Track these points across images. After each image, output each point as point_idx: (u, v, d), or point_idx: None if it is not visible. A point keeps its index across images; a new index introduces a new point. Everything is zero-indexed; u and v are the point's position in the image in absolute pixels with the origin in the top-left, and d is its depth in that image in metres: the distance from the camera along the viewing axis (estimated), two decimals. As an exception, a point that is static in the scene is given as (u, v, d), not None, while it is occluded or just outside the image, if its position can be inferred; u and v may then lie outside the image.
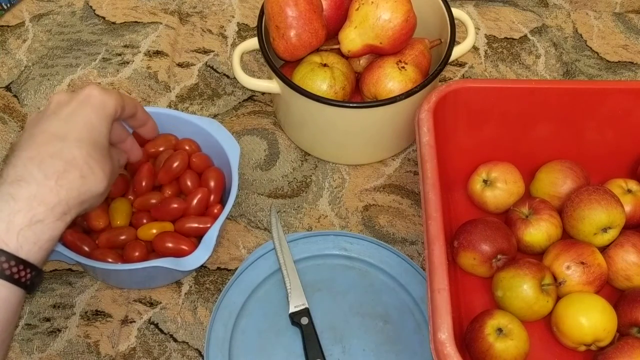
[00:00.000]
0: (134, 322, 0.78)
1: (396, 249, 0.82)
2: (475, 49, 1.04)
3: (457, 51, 0.86)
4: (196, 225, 0.77)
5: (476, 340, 0.72)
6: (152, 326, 0.78)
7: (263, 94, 0.97)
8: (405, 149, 0.93)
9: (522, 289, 0.74)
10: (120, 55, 1.01)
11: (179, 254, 0.74)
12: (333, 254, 0.82)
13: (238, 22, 1.06)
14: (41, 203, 0.54)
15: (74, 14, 1.06)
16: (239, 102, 0.97)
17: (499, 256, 0.77)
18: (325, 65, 0.84)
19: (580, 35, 1.06)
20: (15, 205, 0.53)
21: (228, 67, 1.00)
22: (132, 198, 0.80)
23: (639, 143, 0.84)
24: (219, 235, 0.75)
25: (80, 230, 0.78)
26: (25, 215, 0.53)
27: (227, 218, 0.77)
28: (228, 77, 0.99)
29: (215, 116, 0.95)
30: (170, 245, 0.75)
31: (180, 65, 1.00)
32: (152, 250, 0.77)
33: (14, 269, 0.52)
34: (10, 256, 0.51)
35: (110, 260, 0.74)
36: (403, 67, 0.83)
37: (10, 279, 0.51)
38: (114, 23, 1.05)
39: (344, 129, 0.85)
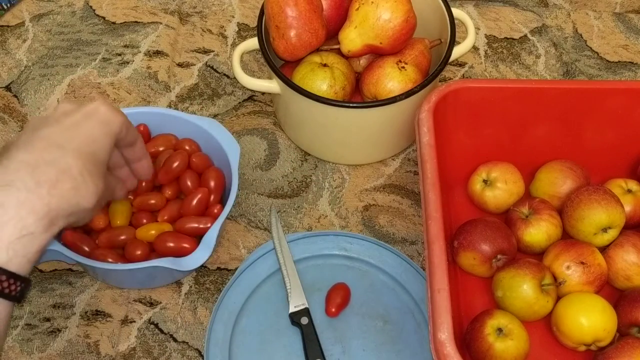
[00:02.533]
0: (134, 322, 0.78)
1: (396, 249, 0.82)
2: (475, 49, 1.04)
3: (457, 51, 0.86)
4: (196, 225, 0.77)
5: (476, 340, 0.72)
6: (152, 326, 0.78)
7: (263, 94, 0.97)
8: (405, 149, 0.93)
9: (522, 289, 0.74)
10: (120, 55, 1.01)
11: (179, 253, 0.74)
12: (333, 254, 0.82)
13: (238, 22, 1.06)
14: (31, 212, 0.51)
15: (74, 14, 1.06)
16: (239, 102, 0.97)
17: (499, 256, 0.77)
18: (325, 65, 0.84)
19: (580, 35, 1.06)
20: (5, 214, 0.50)
21: (228, 67, 1.00)
22: (132, 198, 0.80)
23: (639, 143, 0.84)
24: (219, 235, 0.75)
25: (80, 230, 0.78)
26: (15, 226, 0.50)
27: (227, 218, 0.77)
28: (228, 77, 0.99)
29: (215, 116, 0.95)
30: (170, 244, 0.75)
31: (180, 65, 1.00)
32: (152, 249, 0.77)
33: (5, 284, 0.50)
34: (1, 271, 0.50)
35: (110, 260, 0.74)
36: (403, 67, 0.83)
37: (1, 294, 0.50)
38: (114, 23, 1.05)
39: (344, 129, 0.85)
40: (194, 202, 0.78)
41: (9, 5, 1.05)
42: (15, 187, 0.52)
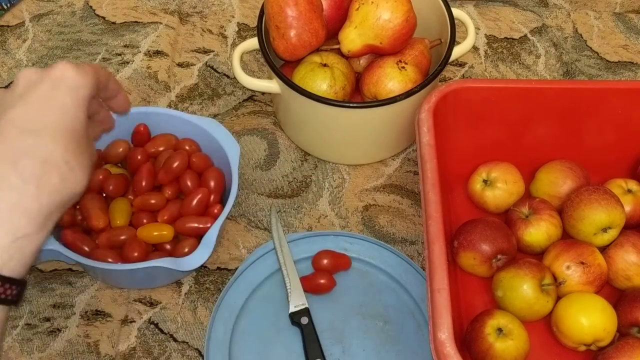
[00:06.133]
0: (134, 322, 0.78)
1: (396, 249, 0.82)
2: (475, 49, 1.04)
3: (457, 51, 0.86)
4: (196, 225, 0.77)
5: (476, 340, 0.72)
6: (152, 326, 0.78)
7: (263, 94, 0.97)
8: (405, 149, 0.93)
9: (522, 289, 0.74)
10: (120, 55, 1.01)
11: (178, 254, 0.74)
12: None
13: (238, 22, 1.06)
14: (23, 214, 0.48)
15: (74, 14, 1.06)
16: (239, 102, 0.97)
17: (499, 256, 0.77)
18: (325, 65, 0.84)
19: (580, 35, 1.06)
20: None
21: (228, 67, 1.00)
22: (132, 198, 0.80)
23: (639, 143, 0.84)
24: (219, 235, 0.75)
25: (80, 230, 0.78)
26: (8, 231, 0.48)
27: (227, 218, 0.77)
28: (228, 77, 0.99)
29: (215, 116, 0.95)
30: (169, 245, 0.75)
31: (180, 65, 1.00)
32: (152, 249, 0.77)
33: (0, 289, 0.48)
34: None
35: (110, 260, 0.74)
36: (403, 67, 0.83)
37: None
38: (114, 23, 1.05)
39: (344, 129, 0.85)
40: (194, 202, 0.78)
41: (9, 5, 1.05)
42: (1, 189, 0.49)
